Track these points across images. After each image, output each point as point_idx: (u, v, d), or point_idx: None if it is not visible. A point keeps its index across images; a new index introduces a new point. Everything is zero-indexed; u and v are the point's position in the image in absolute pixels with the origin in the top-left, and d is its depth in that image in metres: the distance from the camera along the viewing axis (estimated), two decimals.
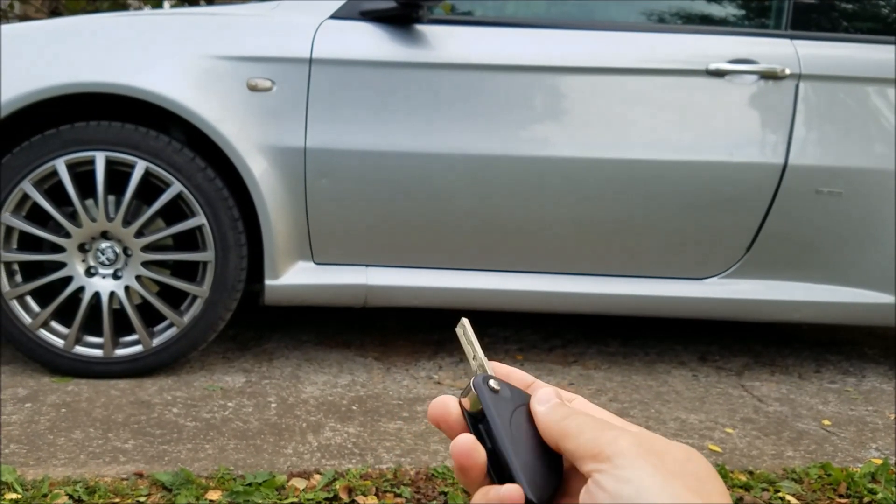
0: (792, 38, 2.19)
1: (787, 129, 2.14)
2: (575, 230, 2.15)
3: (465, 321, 0.48)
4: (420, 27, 2.08)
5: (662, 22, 2.26)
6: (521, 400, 0.45)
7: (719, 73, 2.11)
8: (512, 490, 0.41)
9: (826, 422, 2.05)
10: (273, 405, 1.96)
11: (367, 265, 2.16)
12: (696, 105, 2.12)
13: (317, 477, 1.60)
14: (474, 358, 0.47)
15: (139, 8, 5.22)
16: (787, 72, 2.12)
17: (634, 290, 2.20)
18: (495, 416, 0.43)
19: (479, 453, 0.42)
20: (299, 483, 1.57)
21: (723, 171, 2.12)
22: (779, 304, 2.24)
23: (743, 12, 2.31)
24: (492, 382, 0.45)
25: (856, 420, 2.08)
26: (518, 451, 0.42)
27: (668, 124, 2.11)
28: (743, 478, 1.69)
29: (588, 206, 2.12)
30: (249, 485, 1.54)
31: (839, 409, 2.15)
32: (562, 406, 0.44)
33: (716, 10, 2.28)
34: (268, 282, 2.08)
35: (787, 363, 2.55)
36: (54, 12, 5.08)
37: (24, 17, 4.92)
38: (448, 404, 0.45)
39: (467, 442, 0.42)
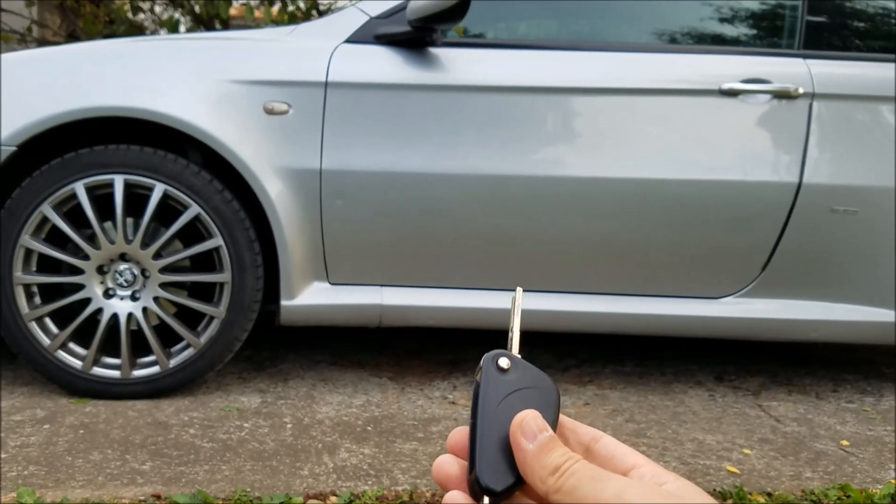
0: (805, 57, 2.20)
1: (801, 148, 2.14)
2: (589, 249, 2.15)
3: (518, 290, 0.47)
4: (434, 50, 2.10)
5: (675, 42, 2.27)
6: (532, 383, 0.43)
7: (733, 93, 2.12)
8: (454, 497, 0.40)
9: (844, 442, 2.03)
10: (289, 426, 1.96)
11: (381, 285, 2.17)
12: (710, 124, 2.13)
13: (333, 499, 1.60)
14: (510, 330, 0.46)
15: (155, 31, 5.30)
16: (801, 91, 2.13)
17: (650, 309, 2.19)
18: (483, 394, 0.42)
19: (449, 468, 0.42)
20: None
21: (737, 191, 2.12)
22: (795, 324, 2.23)
23: (756, 32, 2.32)
24: (501, 360, 0.43)
25: (874, 440, 2.06)
26: (490, 432, 0.41)
27: (683, 144, 2.12)
28: (762, 499, 1.68)
29: (603, 226, 2.13)
30: None
31: (857, 429, 2.13)
32: (555, 447, 0.39)
33: (728, 30, 2.29)
34: (283, 302, 2.09)
35: (804, 382, 2.53)
36: (71, 35, 5.16)
37: (42, 41, 5.00)
38: (448, 470, 0.43)
39: (438, 461, 0.42)
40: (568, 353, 2.72)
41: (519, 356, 0.45)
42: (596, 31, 2.31)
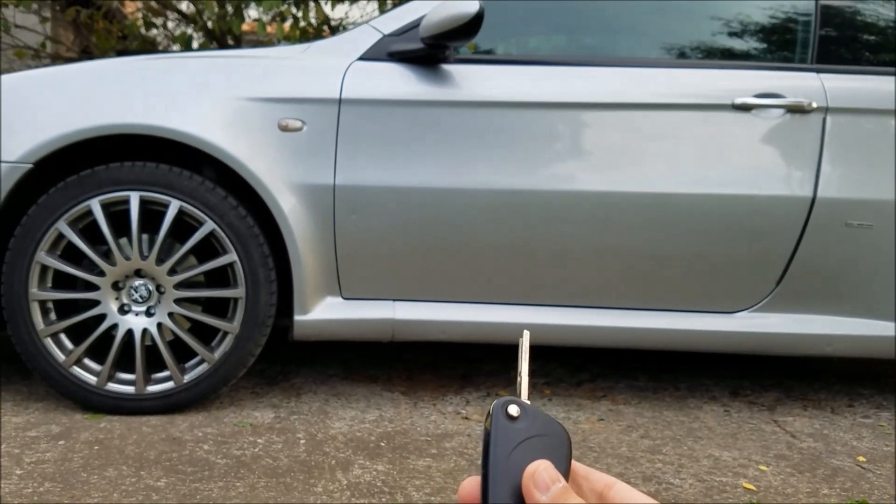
0: (818, 71, 2.20)
1: (814, 163, 2.14)
2: (602, 264, 2.15)
3: (525, 334, 0.47)
4: (446, 67, 2.11)
5: (688, 57, 2.27)
6: (543, 431, 0.43)
7: (746, 108, 2.12)
8: None
9: (861, 458, 2.02)
10: (302, 441, 1.96)
11: (394, 300, 2.17)
12: (724, 139, 2.12)
13: None
14: (519, 375, 0.46)
15: (168, 47, 5.34)
16: (814, 105, 2.13)
17: (663, 324, 2.19)
18: (493, 443, 0.42)
19: (473, 490, 0.41)
20: None
21: (751, 205, 2.12)
22: (810, 339, 2.22)
23: (768, 46, 2.32)
24: (511, 408, 0.43)
25: (891, 456, 2.04)
26: (502, 483, 0.40)
27: (696, 158, 2.12)
28: None
29: (616, 241, 2.13)
30: None
31: (874, 444, 2.12)
32: (568, 497, 0.39)
33: (741, 45, 2.30)
34: (297, 317, 2.10)
35: (819, 397, 2.51)
36: (85, 51, 5.22)
37: (55, 57, 5.05)
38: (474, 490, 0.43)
39: (464, 484, 0.42)
40: (581, 368, 2.71)
41: (529, 402, 0.44)
42: (609, 47, 2.31)
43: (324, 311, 2.13)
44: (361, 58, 2.10)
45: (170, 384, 2.07)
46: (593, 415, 2.26)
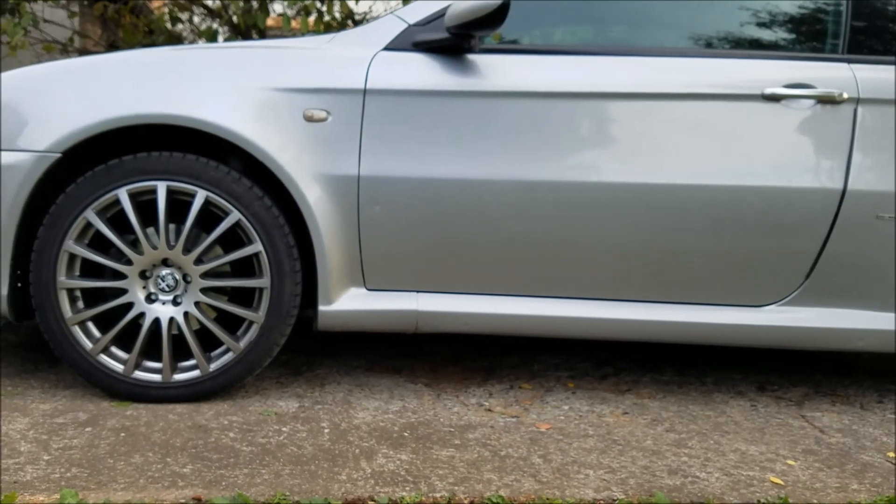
0: (849, 62, 2.16)
1: (845, 154, 2.11)
2: (627, 256, 2.13)
3: None
4: (471, 57, 2.10)
5: (717, 47, 2.24)
6: None
7: (775, 98, 2.09)
8: None
9: (891, 454, 1.98)
10: (326, 430, 1.97)
11: (417, 291, 2.17)
12: (752, 130, 2.10)
13: None
14: None
15: (194, 42, 5.38)
16: (845, 96, 2.09)
17: (690, 317, 2.17)
18: None
19: None
20: None
21: (780, 197, 2.09)
22: (840, 333, 2.18)
23: (799, 36, 2.28)
24: None
25: None
26: None
27: (724, 150, 2.09)
28: None
29: (641, 232, 2.11)
30: None
31: None
32: None
33: (771, 35, 2.26)
34: (321, 308, 2.10)
35: (848, 393, 2.48)
36: (112, 46, 5.27)
37: (83, 51, 5.11)
38: None
39: None
40: (605, 362, 2.69)
41: None
42: (637, 36, 2.29)
43: (348, 301, 2.13)
44: (386, 48, 2.10)
45: (196, 373, 2.09)
46: (618, 408, 2.24)
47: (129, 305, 2.06)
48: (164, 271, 2.07)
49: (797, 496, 1.71)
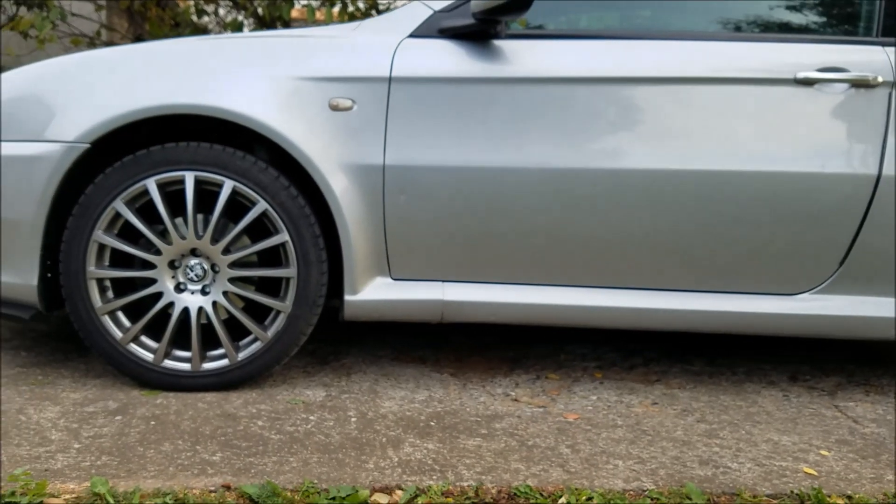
0: (884, 45, 2.11)
1: (880, 139, 2.06)
2: (658, 244, 2.10)
3: None
4: (497, 42, 2.08)
5: (748, 30, 2.20)
6: None
7: (808, 82, 2.04)
8: None
9: None
10: (353, 419, 1.97)
11: (443, 281, 2.16)
12: (785, 115, 2.05)
13: (399, 493, 1.59)
14: None
15: (219, 33, 5.40)
16: (880, 80, 2.04)
17: (721, 306, 2.13)
18: None
19: None
20: (382, 498, 1.57)
21: (813, 183, 2.05)
22: (874, 321, 2.14)
23: (832, 19, 2.23)
24: None
25: None
26: None
27: (756, 135, 2.05)
28: (841, 502, 1.62)
29: (672, 220, 2.07)
30: (333, 498, 1.55)
31: None
32: None
33: (803, 18, 2.22)
34: (347, 297, 2.10)
35: (881, 383, 2.43)
36: (138, 39, 5.31)
37: (110, 44, 5.15)
38: None
39: None
40: (634, 352, 2.67)
41: None
42: (665, 20, 2.25)
43: (373, 291, 2.13)
44: (412, 35, 2.09)
45: (224, 362, 2.10)
46: (647, 398, 2.22)
47: (159, 295, 2.08)
48: (193, 261, 2.08)
49: (831, 487, 1.69)
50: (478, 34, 2.06)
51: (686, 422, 2.04)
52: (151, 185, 2.01)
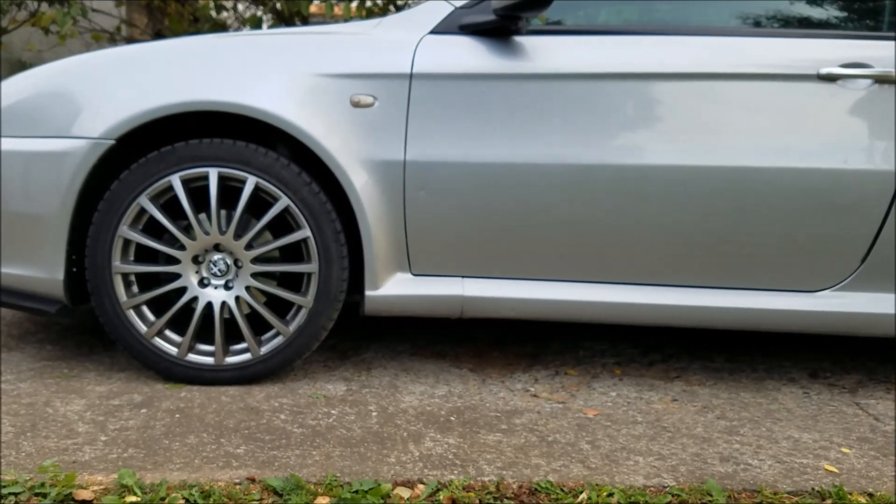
0: None
1: None
2: (678, 240, 2.10)
3: None
4: (518, 39, 2.08)
5: (772, 26, 2.19)
6: None
7: (831, 78, 2.03)
8: None
9: None
10: (374, 414, 1.99)
11: (463, 276, 2.17)
12: (808, 111, 2.04)
13: (420, 487, 1.61)
14: None
15: (238, 29, 5.43)
16: None
17: (741, 302, 2.13)
18: None
19: None
20: (404, 492, 1.59)
21: (836, 179, 2.04)
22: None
23: (855, 15, 2.21)
24: None
25: None
26: None
27: (778, 131, 2.05)
28: (863, 500, 1.61)
29: (692, 216, 2.07)
30: (356, 492, 1.57)
31: None
32: None
33: (826, 14, 2.20)
34: (368, 293, 2.12)
35: None
36: (158, 34, 5.35)
37: (130, 40, 5.19)
38: None
39: None
40: (654, 348, 2.67)
41: None
42: (686, 15, 2.24)
43: (394, 286, 2.15)
44: (433, 31, 2.09)
45: (247, 356, 2.12)
46: (666, 395, 2.22)
47: (183, 290, 2.10)
48: (216, 256, 2.10)
49: (852, 484, 1.68)
50: (499, 30, 2.06)
51: (706, 418, 2.04)
52: (176, 181, 2.03)
